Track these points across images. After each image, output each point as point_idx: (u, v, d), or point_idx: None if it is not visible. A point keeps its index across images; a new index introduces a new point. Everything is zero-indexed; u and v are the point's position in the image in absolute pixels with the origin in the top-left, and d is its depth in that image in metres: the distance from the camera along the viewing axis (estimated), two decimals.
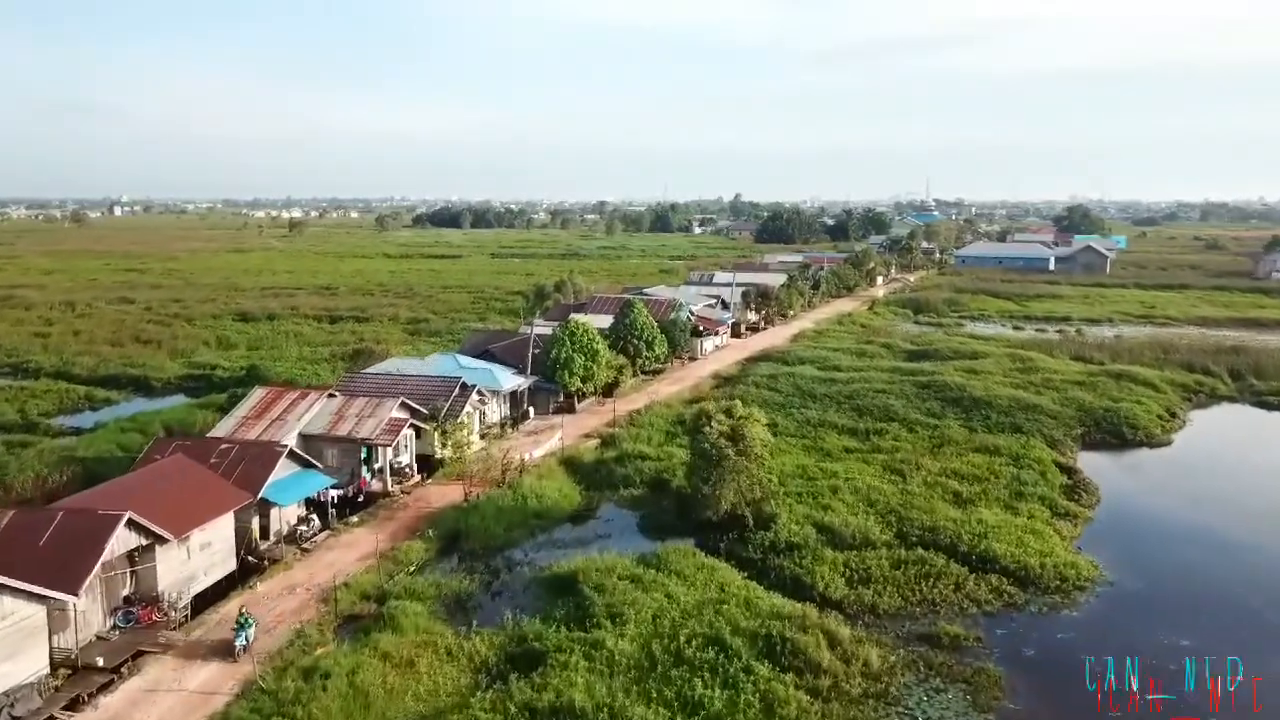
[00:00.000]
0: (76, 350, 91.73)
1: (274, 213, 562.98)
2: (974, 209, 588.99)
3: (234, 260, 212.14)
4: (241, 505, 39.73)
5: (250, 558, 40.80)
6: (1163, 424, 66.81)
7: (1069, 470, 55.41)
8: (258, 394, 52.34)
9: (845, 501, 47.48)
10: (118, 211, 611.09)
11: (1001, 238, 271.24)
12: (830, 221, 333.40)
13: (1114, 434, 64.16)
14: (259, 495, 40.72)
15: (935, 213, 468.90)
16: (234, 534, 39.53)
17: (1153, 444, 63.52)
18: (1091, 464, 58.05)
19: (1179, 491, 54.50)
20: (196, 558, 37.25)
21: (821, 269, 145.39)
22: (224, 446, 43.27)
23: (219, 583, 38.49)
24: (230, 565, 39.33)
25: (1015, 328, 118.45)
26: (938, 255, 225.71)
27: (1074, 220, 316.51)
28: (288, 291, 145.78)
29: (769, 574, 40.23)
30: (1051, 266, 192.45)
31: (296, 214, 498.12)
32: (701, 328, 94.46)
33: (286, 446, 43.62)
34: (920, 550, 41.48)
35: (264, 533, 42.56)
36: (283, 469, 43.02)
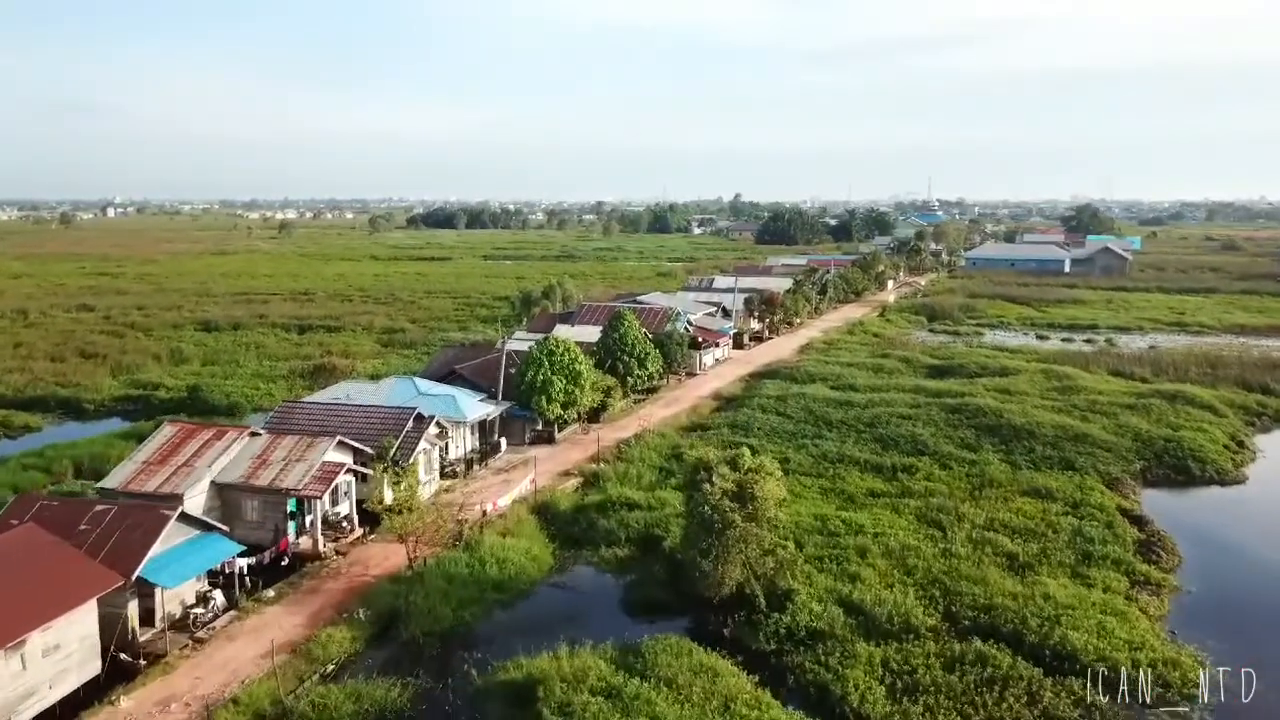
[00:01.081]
0: (9, 366, 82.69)
1: (268, 214, 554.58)
2: (976, 209, 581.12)
3: (214, 263, 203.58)
4: (108, 591, 30.88)
5: (124, 655, 31.95)
6: (1232, 456, 57.96)
7: (1138, 520, 46.51)
8: (165, 433, 43.41)
9: (876, 567, 38.68)
10: (111, 213, 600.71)
11: (1010, 238, 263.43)
12: (833, 222, 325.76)
13: (1178, 469, 55.36)
14: (134, 575, 31.89)
15: (939, 213, 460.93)
16: (99, 627, 30.70)
17: (1224, 481, 54.63)
18: (1158, 508, 49.25)
19: (1275, 545, 45.51)
20: (36, 667, 28.38)
21: (828, 273, 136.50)
22: (99, 509, 34.35)
23: (75, 693, 29.69)
24: (93, 669, 30.45)
25: (1039, 337, 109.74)
26: (946, 257, 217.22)
27: (1082, 220, 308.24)
28: (261, 297, 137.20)
29: (786, 676, 31.46)
30: (1067, 269, 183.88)
31: (291, 215, 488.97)
32: (700, 339, 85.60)
33: (176, 509, 34.64)
34: (977, 642, 32.67)
35: (148, 617, 33.71)
36: (174, 535, 34.22)
